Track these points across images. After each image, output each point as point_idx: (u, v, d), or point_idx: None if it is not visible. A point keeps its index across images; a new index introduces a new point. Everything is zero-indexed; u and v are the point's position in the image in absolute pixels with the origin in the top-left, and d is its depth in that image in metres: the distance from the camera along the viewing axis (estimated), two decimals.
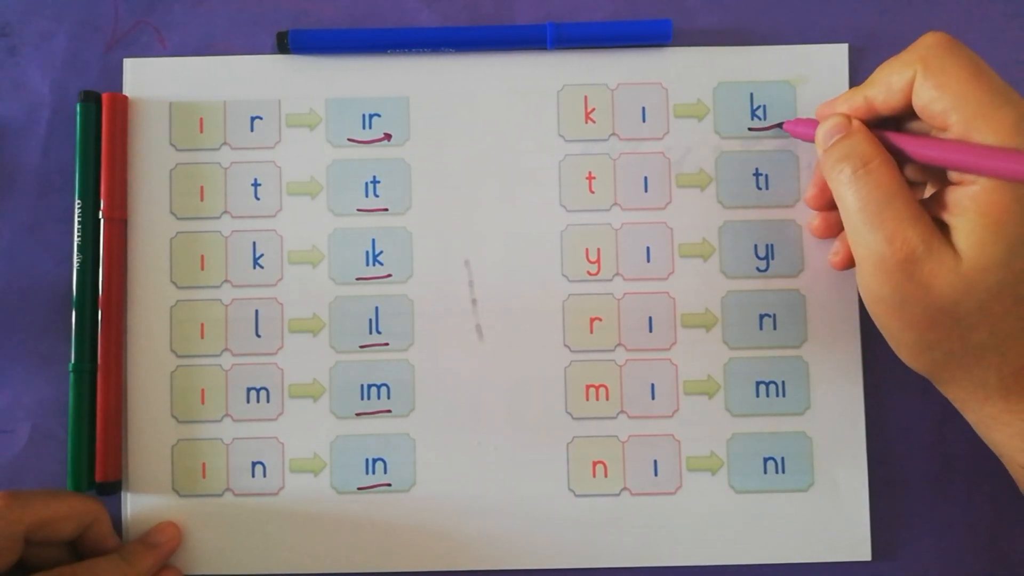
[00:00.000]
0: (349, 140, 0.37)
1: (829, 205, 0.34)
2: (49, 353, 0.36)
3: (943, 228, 0.29)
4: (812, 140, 0.33)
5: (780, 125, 0.36)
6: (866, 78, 0.31)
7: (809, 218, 0.36)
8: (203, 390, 0.36)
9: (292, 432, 0.36)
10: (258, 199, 0.37)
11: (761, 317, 0.36)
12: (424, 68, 0.37)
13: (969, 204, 0.28)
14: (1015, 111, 0.27)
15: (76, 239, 0.36)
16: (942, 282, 0.28)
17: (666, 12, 0.37)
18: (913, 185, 0.33)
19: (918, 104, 0.29)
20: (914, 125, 0.31)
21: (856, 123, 0.31)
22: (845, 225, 0.30)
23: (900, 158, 0.30)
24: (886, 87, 0.30)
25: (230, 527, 0.36)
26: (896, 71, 0.29)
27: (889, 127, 0.31)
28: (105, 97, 0.36)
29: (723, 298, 0.36)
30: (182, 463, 0.36)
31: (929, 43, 0.29)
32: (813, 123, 0.33)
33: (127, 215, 0.36)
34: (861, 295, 0.31)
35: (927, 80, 0.28)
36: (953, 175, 0.29)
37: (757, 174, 0.36)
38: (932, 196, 0.30)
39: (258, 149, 0.37)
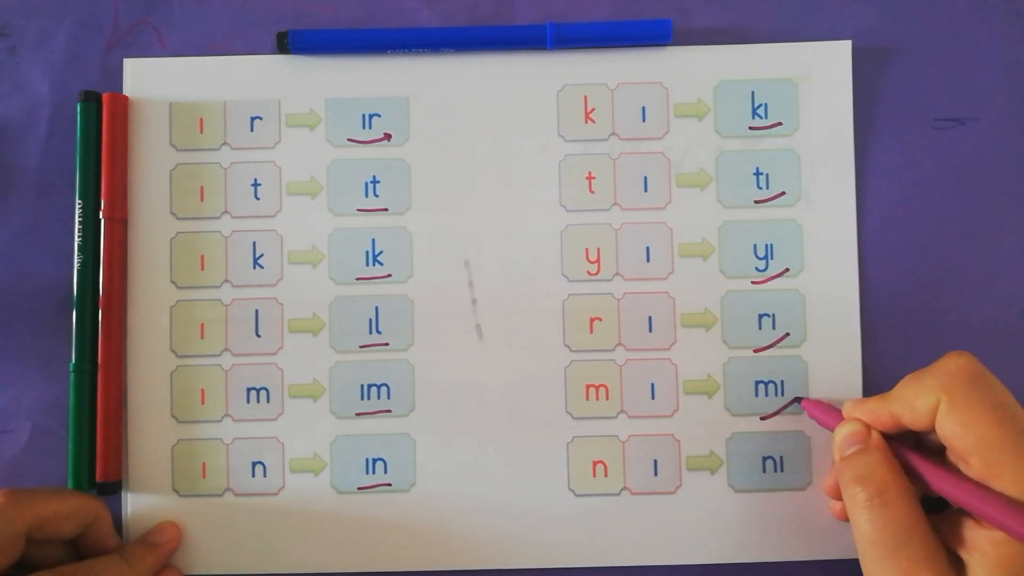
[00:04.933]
0: (349, 140, 0.37)
1: None
2: (49, 353, 0.36)
3: (957, 561, 0.28)
4: (828, 428, 0.32)
5: (797, 400, 0.35)
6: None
7: (830, 503, 0.35)
8: (203, 390, 0.36)
9: (292, 432, 0.36)
10: (258, 199, 0.37)
11: (761, 317, 0.36)
12: (424, 68, 0.37)
13: (988, 548, 0.27)
14: None
15: (76, 239, 0.36)
16: None
17: (666, 12, 0.37)
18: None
19: (941, 434, 0.28)
20: (936, 439, 0.30)
21: (875, 438, 0.30)
22: (857, 547, 0.29)
23: (917, 475, 0.29)
24: (910, 408, 0.29)
25: (230, 527, 0.36)
26: (920, 395, 0.29)
27: (911, 436, 0.31)
28: (105, 97, 0.36)
29: (722, 298, 0.36)
30: (182, 463, 0.36)
31: (954, 371, 0.28)
32: (834, 413, 0.32)
33: (127, 215, 0.36)
34: None
35: (951, 414, 0.28)
36: None
37: (757, 173, 0.36)
38: (949, 519, 0.29)
39: (258, 149, 0.37)
